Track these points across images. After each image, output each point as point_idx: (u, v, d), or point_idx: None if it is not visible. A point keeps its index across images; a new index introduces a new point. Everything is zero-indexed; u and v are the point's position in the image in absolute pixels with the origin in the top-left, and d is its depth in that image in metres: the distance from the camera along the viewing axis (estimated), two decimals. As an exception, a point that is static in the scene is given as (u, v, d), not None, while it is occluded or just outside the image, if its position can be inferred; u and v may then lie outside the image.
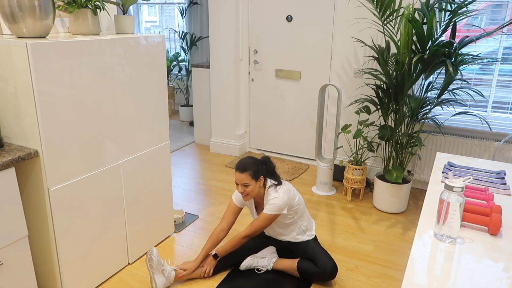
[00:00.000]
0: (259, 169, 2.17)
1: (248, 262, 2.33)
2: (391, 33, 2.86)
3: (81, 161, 1.98)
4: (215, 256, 2.29)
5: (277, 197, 2.17)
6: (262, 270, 2.33)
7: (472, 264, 1.16)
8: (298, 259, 2.29)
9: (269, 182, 2.25)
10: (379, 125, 3.06)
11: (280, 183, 2.24)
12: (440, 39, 2.69)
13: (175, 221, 2.90)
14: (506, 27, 2.89)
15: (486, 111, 3.22)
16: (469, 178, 1.32)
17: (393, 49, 3.13)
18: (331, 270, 2.20)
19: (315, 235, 2.39)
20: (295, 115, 4.05)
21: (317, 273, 2.22)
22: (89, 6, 2.03)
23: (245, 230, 2.23)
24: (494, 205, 1.36)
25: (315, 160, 4.07)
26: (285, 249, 2.39)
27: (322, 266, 2.20)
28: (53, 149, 1.83)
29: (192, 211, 3.12)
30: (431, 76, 3.10)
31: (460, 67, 2.60)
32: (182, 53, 5.80)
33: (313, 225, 2.40)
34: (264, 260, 2.34)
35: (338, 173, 3.69)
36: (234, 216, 2.36)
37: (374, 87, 3.08)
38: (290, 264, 2.30)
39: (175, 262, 2.48)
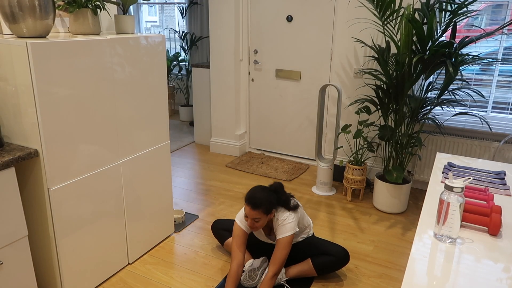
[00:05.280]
0: (272, 202, 2.06)
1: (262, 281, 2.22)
2: (391, 33, 2.86)
3: (81, 161, 1.98)
4: None
5: (286, 218, 2.10)
6: (282, 281, 2.27)
7: (472, 264, 1.16)
8: (308, 259, 2.28)
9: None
10: (379, 125, 3.06)
11: (289, 208, 2.13)
12: (440, 39, 2.69)
13: (175, 221, 2.90)
14: (506, 27, 2.89)
15: (486, 111, 3.22)
16: (469, 178, 1.32)
17: (393, 49, 3.13)
18: (345, 254, 2.26)
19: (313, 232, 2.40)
20: (295, 115, 4.05)
21: (334, 262, 2.25)
22: (89, 6, 2.03)
23: (271, 269, 2.08)
24: (494, 206, 1.36)
25: (315, 160, 4.07)
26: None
27: (336, 253, 2.25)
28: (53, 149, 1.83)
29: (192, 211, 3.12)
30: (431, 76, 3.11)
31: (460, 68, 2.60)
32: (182, 53, 5.80)
33: (311, 224, 2.40)
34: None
35: (338, 173, 3.69)
36: (244, 247, 2.18)
37: (374, 87, 3.08)
38: (304, 266, 2.27)
39: (176, 262, 2.48)
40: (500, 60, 3.07)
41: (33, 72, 1.68)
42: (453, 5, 2.59)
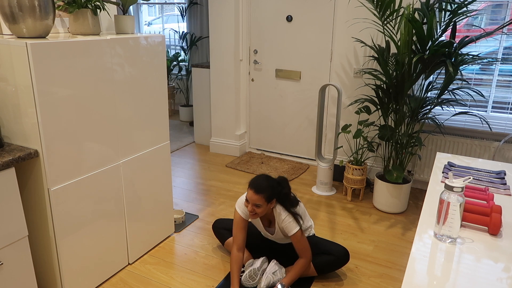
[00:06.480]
0: (274, 192, 2.10)
1: (265, 281, 2.20)
2: (391, 33, 2.86)
3: (81, 161, 1.98)
4: (283, 287, 2.15)
5: (286, 216, 2.15)
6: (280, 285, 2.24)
7: (472, 264, 1.16)
8: None
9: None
10: (379, 125, 3.06)
11: (291, 205, 2.18)
12: (440, 39, 2.69)
13: (175, 221, 2.90)
14: (506, 27, 2.89)
15: (486, 111, 3.22)
16: (469, 178, 1.32)
17: (393, 49, 3.13)
18: (345, 253, 2.28)
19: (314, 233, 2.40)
20: (295, 115, 4.05)
21: (334, 261, 2.26)
22: (89, 6, 2.03)
23: (303, 257, 2.18)
24: (494, 205, 1.36)
25: (315, 160, 4.07)
26: (285, 250, 2.39)
27: (336, 252, 2.26)
28: (53, 149, 1.83)
29: (192, 211, 3.12)
30: (431, 76, 3.10)
31: (460, 67, 2.60)
32: (182, 53, 5.80)
33: (312, 224, 2.41)
34: (277, 274, 2.25)
35: (338, 173, 3.69)
36: (244, 232, 2.23)
37: (374, 87, 3.08)
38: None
39: (176, 262, 2.48)
40: (500, 59, 3.07)
41: (33, 72, 1.68)
42: (453, 5, 2.59)
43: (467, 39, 2.62)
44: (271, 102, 4.15)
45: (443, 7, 2.64)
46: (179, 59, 5.76)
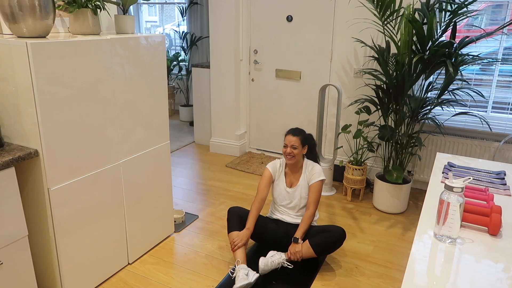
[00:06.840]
0: (307, 138, 2.48)
1: (262, 266, 2.27)
2: (391, 33, 2.86)
3: (81, 161, 1.98)
4: (296, 240, 2.33)
5: (316, 165, 2.48)
6: (286, 264, 2.34)
7: (472, 264, 1.16)
8: (306, 240, 2.33)
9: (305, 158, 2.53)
10: (379, 125, 3.06)
11: (317, 158, 2.59)
12: (440, 39, 2.69)
13: (175, 221, 2.90)
14: (506, 27, 2.89)
15: (486, 111, 3.22)
16: (469, 178, 1.32)
17: (393, 49, 3.13)
18: (341, 229, 2.36)
19: None
20: (295, 115, 4.05)
21: (330, 237, 2.32)
22: (89, 6, 2.03)
23: (310, 208, 2.40)
24: (494, 206, 1.36)
25: (315, 160, 4.07)
26: (290, 234, 2.41)
27: (333, 229, 2.35)
28: (53, 149, 1.83)
29: (192, 211, 3.12)
30: (431, 76, 3.10)
31: (460, 68, 2.60)
32: (182, 53, 5.80)
33: (317, 214, 2.54)
34: (275, 257, 2.32)
35: (338, 173, 3.69)
36: (268, 188, 2.51)
37: (374, 87, 3.08)
38: (303, 247, 2.31)
39: (176, 262, 2.48)
40: (500, 60, 3.07)
41: (33, 72, 1.68)
42: (453, 5, 2.59)
43: (467, 39, 2.62)
44: (271, 102, 4.15)
45: (443, 7, 2.64)
46: (179, 59, 5.76)
